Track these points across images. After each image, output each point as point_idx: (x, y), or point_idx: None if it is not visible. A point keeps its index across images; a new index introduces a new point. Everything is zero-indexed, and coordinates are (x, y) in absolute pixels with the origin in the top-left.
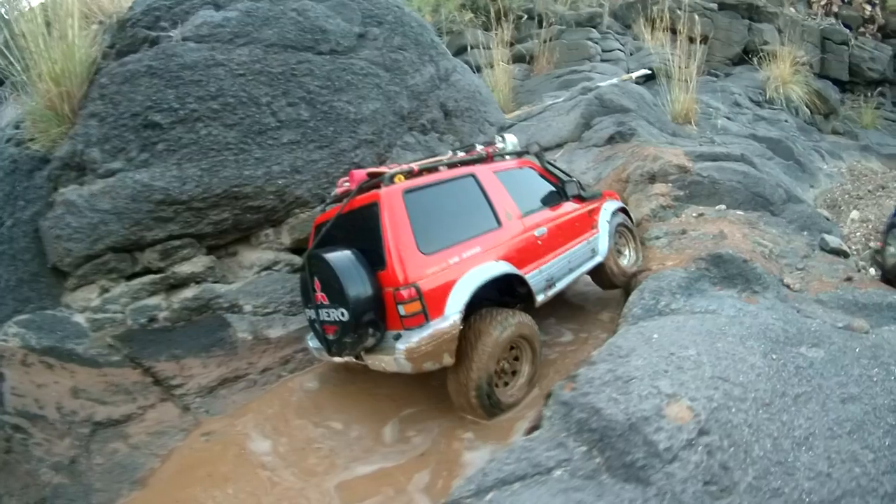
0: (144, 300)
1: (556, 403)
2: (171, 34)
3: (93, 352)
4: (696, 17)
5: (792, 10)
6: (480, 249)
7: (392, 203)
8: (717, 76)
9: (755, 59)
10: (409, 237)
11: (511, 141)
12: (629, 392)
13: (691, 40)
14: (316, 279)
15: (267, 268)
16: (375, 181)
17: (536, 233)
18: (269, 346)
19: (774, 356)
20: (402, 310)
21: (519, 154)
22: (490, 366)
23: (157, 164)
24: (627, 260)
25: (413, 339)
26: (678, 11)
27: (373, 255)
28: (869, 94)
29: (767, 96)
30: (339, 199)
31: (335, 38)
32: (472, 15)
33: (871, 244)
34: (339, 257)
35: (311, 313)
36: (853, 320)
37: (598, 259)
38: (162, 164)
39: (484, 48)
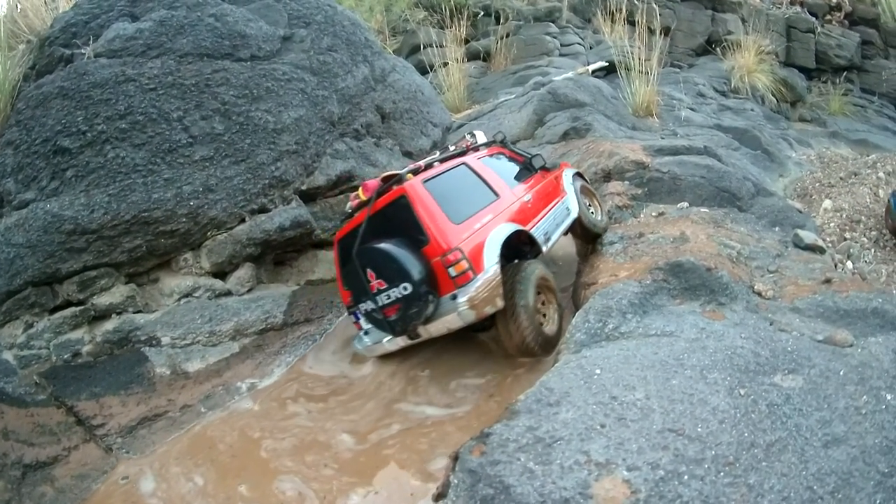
0: (67, 334)
1: (462, 471)
2: (83, 51)
3: (21, 391)
4: (658, 8)
5: None
6: (492, 216)
7: (418, 190)
8: (680, 67)
9: (719, 50)
10: (441, 213)
11: (480, 135)
12: (550, 461)
13: (651, 31)
14: (369, 270)
15: (186, 295)
16: (392, 182)
17: (525, 198)
18: (188, 381)
19: (742, 391)
20: (452, 271)
21: (489, 144)
22: (532, 303)
23: (67, 193)
24: (596, 214)
25: (471, 290)
26: (637, 3)
27: (410, 239)
28: (837, 81)
29: (732, 86)
30: (356, 210)
31: (256, 43)
32: (425, 13)
33: (847, 236)
34: (386, 243)
35: (368, 305)
36: (835, 332)
37: (574, 216)
38: (71, 192)
39: (438, 47)
